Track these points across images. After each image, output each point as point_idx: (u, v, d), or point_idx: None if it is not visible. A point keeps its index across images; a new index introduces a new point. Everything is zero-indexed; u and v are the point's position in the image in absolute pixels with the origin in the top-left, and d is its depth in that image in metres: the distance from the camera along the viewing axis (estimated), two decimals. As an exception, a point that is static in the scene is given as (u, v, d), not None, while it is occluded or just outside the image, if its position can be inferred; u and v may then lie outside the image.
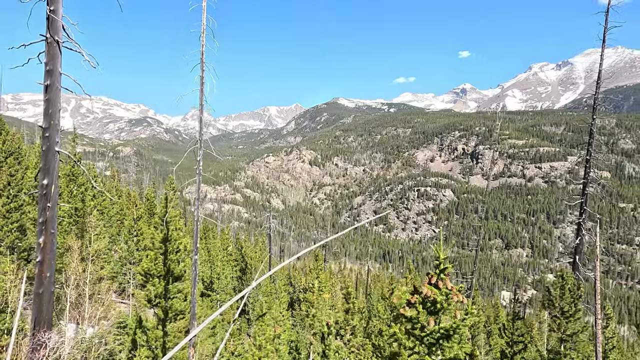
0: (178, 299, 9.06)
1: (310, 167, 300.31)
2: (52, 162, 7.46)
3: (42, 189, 7.24)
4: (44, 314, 6.78)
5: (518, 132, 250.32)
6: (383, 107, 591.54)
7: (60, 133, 7.67)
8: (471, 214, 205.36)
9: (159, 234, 9.03)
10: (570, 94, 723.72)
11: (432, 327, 4.79)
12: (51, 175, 7.35)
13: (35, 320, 6.77)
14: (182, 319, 9.19)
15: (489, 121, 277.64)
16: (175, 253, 9.10)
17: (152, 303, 9.07)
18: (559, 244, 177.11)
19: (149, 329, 8.71)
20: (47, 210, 7.12)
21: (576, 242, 16.50)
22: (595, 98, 16.66)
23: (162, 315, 8.96)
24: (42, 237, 7.02)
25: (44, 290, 6.83)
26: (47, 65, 7.42)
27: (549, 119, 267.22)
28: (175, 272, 9.13)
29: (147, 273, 9.04)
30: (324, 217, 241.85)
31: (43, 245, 7.00)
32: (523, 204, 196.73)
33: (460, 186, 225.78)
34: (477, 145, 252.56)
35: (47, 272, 6.90)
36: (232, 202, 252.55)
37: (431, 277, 5.04)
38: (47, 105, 7.53)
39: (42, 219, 7.07)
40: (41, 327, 6.69)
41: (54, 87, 7.48)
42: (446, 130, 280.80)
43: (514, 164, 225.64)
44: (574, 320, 12.68)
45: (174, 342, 8.80)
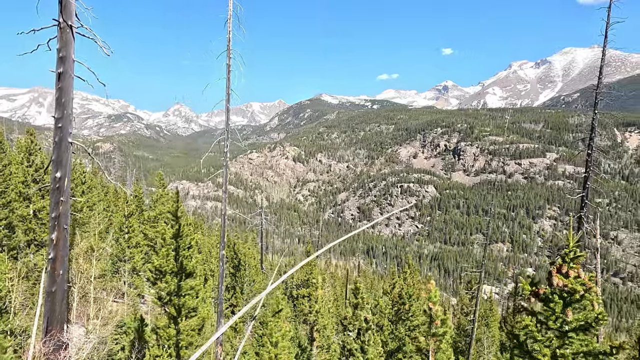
0: (190, 296, 8.90)
1: (294, 163, 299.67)
2: (65, 153, 7.06)
3: (55, 182, 6.86)
4: (57, 313, 6.50)
5: (498, 129, 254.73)
6: (366, 104, 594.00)
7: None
8: (453, 209, 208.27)
9: (170, 230, 8.85)
10: (549, 91, 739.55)
11: (571, 318, 4.62)
12: (64, 167, 6.96)
13: (48, 319, 6.49)
14: (194, 316, 9.03)
15: (471, 118, 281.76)
16: (187, 249, 8.92)
17: (162, 301, 8.88)
18: (537, 239, 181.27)
19: (160, 328, 8.53)
20: (60, 204, 6.79)
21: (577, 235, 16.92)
22: (596, 93, 17.02)
23: (175, 313, 8.77)
24: (54, 232, 6.68)
25: (56, 289, 6.54)
26: (60, 51, 6.89)
27: (528, 117, 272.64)
28: (187, 268, 8.95)
29: (159, 270, 8.83)
30: (307, 214, 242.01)
31: (56, 242, 6.67)
32: (503, 199, 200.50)
33: (442, 182, 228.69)
34: (458, 142, 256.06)
35: (60, 270, 6.60)
36: (216, 199, 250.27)
37: (561, 267, 4.88)
38: (59, 94, 7.04)
39: (54, 213, 6.73)
40: (54, 326, 6.43)
41: (67, 75, 7.00)
42: (429, 127, 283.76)
43: (494, 160, 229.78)
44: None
45: (187, 341, 8.65)
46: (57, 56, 6.89)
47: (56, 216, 6.69)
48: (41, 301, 6.15)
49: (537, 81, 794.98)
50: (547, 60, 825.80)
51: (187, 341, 8.60)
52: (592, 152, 17.14)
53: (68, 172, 6.94)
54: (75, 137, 32.48)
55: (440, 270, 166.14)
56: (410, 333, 15.66)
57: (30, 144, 16.68)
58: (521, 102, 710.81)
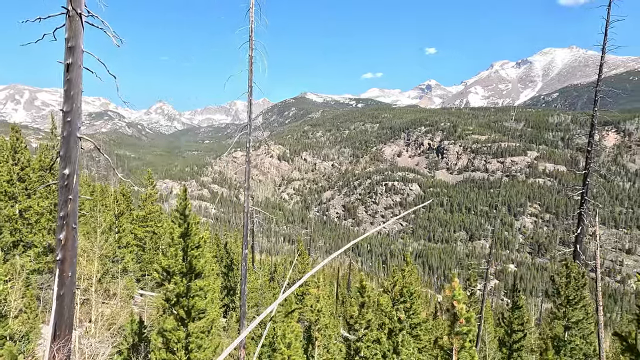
0: (199, 297, 8.63)
1: (279, 162, 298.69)
2: (73, 149, 6.70)
3: (63, 179, 6.50)
4: (66, 317, 6.18)
5: (481, 128, 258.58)
6: (351, 103, 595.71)
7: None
8: (437, 207, 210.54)
9: (178, 229, 8.57)
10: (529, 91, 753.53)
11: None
12: (73, 164, 6.60)
13: (56, 324, 6.18)
14: (203, 318, 8.77)
15: (454, 117, 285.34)
16: (195, 248, 8.66)
17: (170, 302, 8.59)
18: (519, 236, 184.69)
19: (168, 330, 8.24)
20: (68, 202, 6.45)
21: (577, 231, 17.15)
22: (596, 91, 17.27)
23: (184, 315, 8.50)
24: (63, 232, 6.34)
25: (65, 292, 6.21)
26: (68, 41, 6.49)
27: (509, 115, 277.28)
28: (197, 268, 8.69)
29: (166, 270, 8.54)
30: (293, 212, 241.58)
31: (64, 242, 6.34)
32: (486, 197, 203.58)
33: (426, 180, 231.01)
34: (442, 141, 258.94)
35: (69, 272, 6.27)
36: (199, 198, 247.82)
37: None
38: (68, 86, 6.62)
39: (63, 212, 6.39)
40: (63, 331, 6.12)
41: (76, 66, 6.54)
42: (412, 126, 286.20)
43: (477, 159, 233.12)
44: (580, 308, 13.17)
45: (196, 344, 8.38)
46: (66, 46, 6.50)
47: (64, 215, 6.35)
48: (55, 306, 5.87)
49: (518, 81, 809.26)
50: (528, 60, 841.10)
51: (197, 344, 8.35)
52: (591, 149, 17.40)
53: (76, 168, 6.63)
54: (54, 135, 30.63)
55: (425, 268, 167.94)
56: (412, 331, 15.70)
57: (16, 141, 16.10)
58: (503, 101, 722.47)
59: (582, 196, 18.17)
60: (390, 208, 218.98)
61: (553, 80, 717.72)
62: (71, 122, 6.64)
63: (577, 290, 13.03)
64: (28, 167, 16.18)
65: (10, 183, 15.50)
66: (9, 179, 15.54)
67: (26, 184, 16.04)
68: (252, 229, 34.37)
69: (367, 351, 10.34)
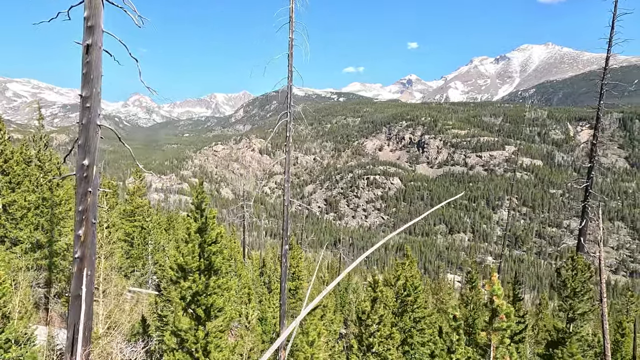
0: (217, 295, 8.33)
1: (261, 155, 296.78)
2: (93, 138, 6.22)
3: (82, 170, 6.04)
4: (85, 318, 5.84)
5: (460, 123, 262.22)
6: (332, 96, 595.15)
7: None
8: (418, 201, 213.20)
9: (194, 224, 8.24)
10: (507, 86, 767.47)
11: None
12: (92, 154, 6.14)
13: (75, 326, 5.82)
14: (220, 317, 8.46)
15: (434, 112, 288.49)
16: (213, 244, 8.36)
17: (185, 300, 8.27)
18: (497, 228, 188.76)
19: (183, 330, 7.92)
20: (87, 196, 6.04)
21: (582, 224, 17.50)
22: (602, 84, 17.49)
23: (202, 314, 8.19)
24: (81, 228, 5.91)
25: (84, 292, 5.88)
26: (87, 20, 6.03)
27: (488, 110, 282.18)
28: (215, 265, 8.38)
29: (182, 268, 8.22)
30: (275, 206, 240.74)
31: (83, 239, 5.93)
32: (465, 190, 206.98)
33: (407, 174, 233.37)
34: (423, 135, 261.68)
35: (88, 270, 5.88)
36: (179, 192, 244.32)
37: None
38: (87, 69, 6.13)
39: (81, 206, 5.96)
40: (82, 332, 5.78)
41: (96, 47, 6.04)
42: (394, 120, 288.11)
43: (457, 153, 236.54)
44: (586, 300, 13.47)
45: (215, 344, 8.09)
46: (85, 26, 5.96)
47: (84, 209, 5.93)
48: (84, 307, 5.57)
49: (497, 76, 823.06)
50: (506, 56, 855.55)
51: (215, 344, 8.08)
52: (596, 143, 17.69)
53: (96, 159, 6.22)
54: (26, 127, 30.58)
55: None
56: (416, 325, 15.80)
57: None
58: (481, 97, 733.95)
59: (586, 189, 18.52)
60: (371, 202, 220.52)
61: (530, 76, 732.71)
62: (90, 109, 6.20)
63: (584, 282, 13.37)
64: (12, 160, 15.49)
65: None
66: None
67: (10, 177, 15.35)
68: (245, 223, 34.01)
69: (380, 347, 10.31)
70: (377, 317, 10.80)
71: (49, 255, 14.47)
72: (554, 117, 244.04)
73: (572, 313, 13.22)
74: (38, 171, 16.10)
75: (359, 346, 10.55)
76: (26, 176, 15.87)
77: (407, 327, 15.64)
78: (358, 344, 10.50)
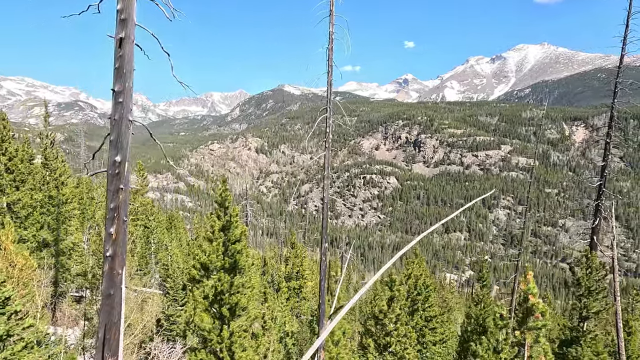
0: (241, 293, 8.25)
1: (257, 154, 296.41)
2: (125, 134, 6.14)
3: (114, 167, 5.94)
4: (116, 319, 5.75)
5: (456, 122, 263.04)
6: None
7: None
8: (414, 200, 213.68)
9: (218, 222, 8.16)
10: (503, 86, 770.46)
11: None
12: (124, 150, 6.05)
13: (106, 327, 5.72)
14: (244, 316, 8.38)
15: (430, 111, 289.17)
16: (237, 242, 8.28)
17: (208, 299, 8.20)
18: (493, 227, 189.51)
19: (206, 330, 7.84)
20: (119, 193, 5.95)
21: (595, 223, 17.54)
22: (616, 82, 17.50)
23: (227, 313, 8.11)
24: (113, 226, 5.81)
25: (115, 291, 5.76)
26: (121, 12, 5.91)
27: (484, 110, 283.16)
28: (240, 263, 8.30)
29: (205, 266, 8.14)
30: (271, 205, 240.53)
31: (115, 237, 5.85)
32: (461, 190, 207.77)
33: (403, 174, 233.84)
34: (419, 134, 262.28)
35: (119, 269, 5.79)
36: (175, 191, 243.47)
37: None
38: (120, 63, 6.03)
39: (113, 204, 5.87)
40: (112, 334, 5.68)
41: (129, 41, 5.96)
42: (390, 120, 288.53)
43: (452, 152, 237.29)
44: (601, 299, 13.52)
45: (239, 343, 8.02)
46: (118, 18, 5.85)
47: (115, 207, 5.84)
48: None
49: (492, 76, 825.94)
50: (502, 56, 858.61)
51: (240, 344, 8.00)
52: (610, 141, 17.71)
53: (128, 155, 6.14)
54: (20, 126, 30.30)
55: (402, 259, 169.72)
56: (428, 324, 15.82)
57: (2, 129, 15.15)
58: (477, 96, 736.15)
59: (599, 188, 18.53)
60: (368, 201, 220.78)
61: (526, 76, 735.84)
62: (123, 104, 6.11)
63: (598, 281, 13.44)
64: (16, 157, 15.33)
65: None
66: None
67: (14, 175, 15.19)
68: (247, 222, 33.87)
69: (397, 347, 10.28)
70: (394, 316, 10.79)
71: (56, 254, 14.36)
72: (550, 116, 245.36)
73: (586, 312, 13.26)
74: (44, 169, 15.97)
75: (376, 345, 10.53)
76: (29, 174, 15.72)
77: (419, 326, 15.66)
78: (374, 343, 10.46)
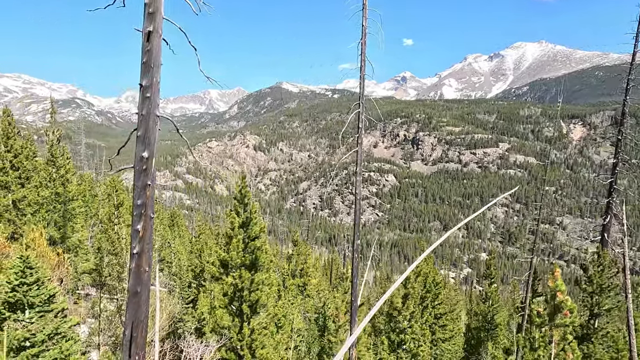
0: (260, 290, 8.20)
1: (255, 152, 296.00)
2: (152, 129, 6.04)
3: (142, 162, 5.85)
4: (143, 317, 5.70)
5: (454, 120, 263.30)
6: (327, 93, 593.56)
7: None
8: (412, 197, 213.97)
9: (238, 218, 8.10)
10: (501, 84, 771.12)
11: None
12: (152, 146, 5.95)
13: (133, 324, 5.67)
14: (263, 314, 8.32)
15: (428, 109, 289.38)
16: (256, 239, 8.22)
17: (227, 297, 8.14)
18: (491, 225, 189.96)
19: (225, 327, 7.78)
20: (147, 189, 5.89)
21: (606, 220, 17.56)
22: (628, 79, 17.48)
23: (248, 311, 8.05)
24: (140, 223, 5.77)
25: (142, 289, 5.71)
26: (148, 6, 5.85)
27: (482, 108, 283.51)
28: (260, 260, 8.24)
29: (225, 263, 8.09)
30: (269, 203, 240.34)
31: (142, 234, 5.79)
32: (459, 187, 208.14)
33: (401, 171, 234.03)
34: (417, 132, 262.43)
35: (146, 266, 5.75)
36: (173, 188, 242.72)
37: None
38: (147, 57, 5.93)
39: (140, 200, 5.79)
40: (140, 333, 5.64)
41: (157, 34, 5.88)
42: (388, 117, 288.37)
43: (451, 150, 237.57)
44: (614, 296, 13.55)
45: (260, 341, 7.96)
46: (145, 12, 5.77)
47: (142, 204, 5.77)
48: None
49: (490, 74, 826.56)
50: (500, 54, 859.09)
51: (260, 341, 7.94)
52: (621, 138, 17.70)
53: (155, 151, 6.09)
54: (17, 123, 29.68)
55: (400, 257, 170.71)
56: (438, 321, 15.87)
57: (8, 126, 15.02)
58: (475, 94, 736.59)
59: (610, 185, 18.53)
60: (366, 199, 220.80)
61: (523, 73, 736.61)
62: (150, 99, 6.04)
63: (610, 278, 13.47)
64: (21, 155, 15.22)
65: (3, 171, 14.52)
66: (2, 167, 14.55)
67: (20, 173, 15.11)
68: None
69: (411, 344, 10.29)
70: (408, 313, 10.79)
71: (63, 252, 14.30)
72: (547, 114, 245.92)
73: (597, 309, 13.30)
74: (50, 166, 15.87)
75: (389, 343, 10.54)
76: (34, 169, 15.63)
77: (429, 323, 15.69)
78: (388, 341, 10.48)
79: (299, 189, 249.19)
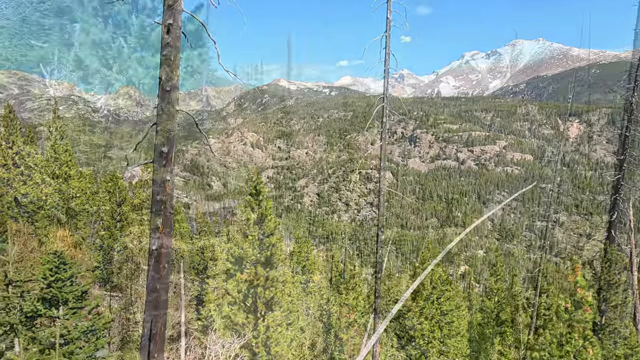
0: (275, 287, 8.15)
1: (253, 149, 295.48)
2: (172, 124, 6.06)
3: (161, 158, 5.75)
4: (161, 313, 5.64)
5: (452, 117, 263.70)
6: (324, 90, 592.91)
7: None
8: (410, 195, 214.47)
9: (253, 215, 8.04)
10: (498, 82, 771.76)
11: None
12: (171, 140, 5.92)
13: (152, 321, 5.62)
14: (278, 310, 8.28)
15: (426, 106, 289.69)
16: (271, 235, 8.17)
17: (242, 293, 8.09)
18: (488, 222, 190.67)
19: (239, 324, 7.73)
20: (166, 185, 5.81)
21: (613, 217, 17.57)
22: (636, 75, 17.41)
23: (263, 308, 8.01)
24: (159, 218, 5.70)
25: (161, 286, 5.65)
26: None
27: (479, 105, 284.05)
28: (275, 256, 8.19)
29: (239, 260, 8.04)
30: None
31: (161, 229, 5.71)
32: (457, 185, 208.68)
33: (399, 169, 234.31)
34: (414, 129, 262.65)
35: (165, 263, 5.68)
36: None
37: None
38: (167, 51, 5.83)
39: (160, 196, 5.69)
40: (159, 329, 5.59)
41: (177, 28, 5.79)
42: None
43: (448, 147, 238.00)
44: (622, 292, 13.59)
45: (275, 338, 7.92)
46: (165, 5, 5.71)
47: (162, 199, 5.70)
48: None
49: (488, 71, 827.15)
50: (497, 51, 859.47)
51: (275, 338, 7.90)
52: (629, 134, 17.64)
53: (174, 146, 6.00)
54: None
55: (398, 255, 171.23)
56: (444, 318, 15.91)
57: (10, 122, 14.91)
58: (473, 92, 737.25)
59: (617, 182, 18.50)
60: (364, 196, 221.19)
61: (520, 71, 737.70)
62: (170, 93, 5.97)
63: (618, 274, 13.51)
64: (23, 151, 15.13)
65: (5, 167, 14.43)
66: (4, 164, 14.46)
67: (22, 169, 15.01)
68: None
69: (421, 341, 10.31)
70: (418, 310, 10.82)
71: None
72: (545, 112, 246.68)
73: (604, 305, 13.36)
74: (53, 162, 15.77)
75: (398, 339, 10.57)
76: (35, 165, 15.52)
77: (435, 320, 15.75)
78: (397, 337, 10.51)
79: (296, 187, 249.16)
